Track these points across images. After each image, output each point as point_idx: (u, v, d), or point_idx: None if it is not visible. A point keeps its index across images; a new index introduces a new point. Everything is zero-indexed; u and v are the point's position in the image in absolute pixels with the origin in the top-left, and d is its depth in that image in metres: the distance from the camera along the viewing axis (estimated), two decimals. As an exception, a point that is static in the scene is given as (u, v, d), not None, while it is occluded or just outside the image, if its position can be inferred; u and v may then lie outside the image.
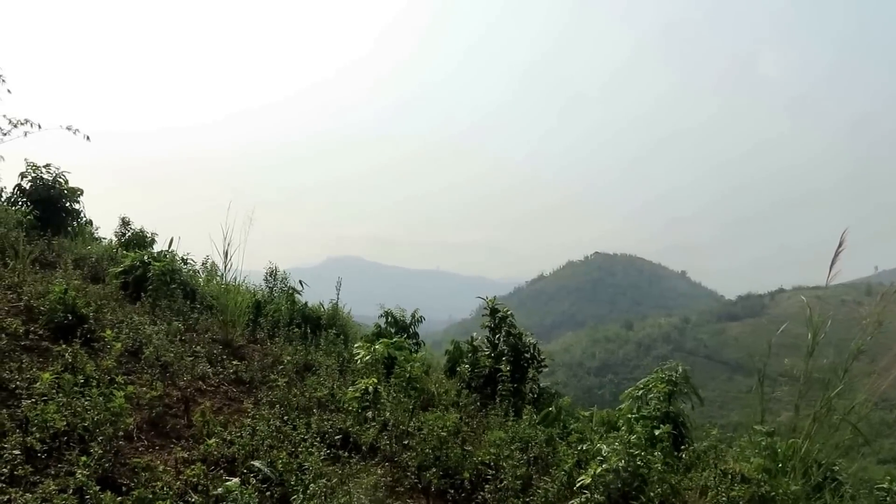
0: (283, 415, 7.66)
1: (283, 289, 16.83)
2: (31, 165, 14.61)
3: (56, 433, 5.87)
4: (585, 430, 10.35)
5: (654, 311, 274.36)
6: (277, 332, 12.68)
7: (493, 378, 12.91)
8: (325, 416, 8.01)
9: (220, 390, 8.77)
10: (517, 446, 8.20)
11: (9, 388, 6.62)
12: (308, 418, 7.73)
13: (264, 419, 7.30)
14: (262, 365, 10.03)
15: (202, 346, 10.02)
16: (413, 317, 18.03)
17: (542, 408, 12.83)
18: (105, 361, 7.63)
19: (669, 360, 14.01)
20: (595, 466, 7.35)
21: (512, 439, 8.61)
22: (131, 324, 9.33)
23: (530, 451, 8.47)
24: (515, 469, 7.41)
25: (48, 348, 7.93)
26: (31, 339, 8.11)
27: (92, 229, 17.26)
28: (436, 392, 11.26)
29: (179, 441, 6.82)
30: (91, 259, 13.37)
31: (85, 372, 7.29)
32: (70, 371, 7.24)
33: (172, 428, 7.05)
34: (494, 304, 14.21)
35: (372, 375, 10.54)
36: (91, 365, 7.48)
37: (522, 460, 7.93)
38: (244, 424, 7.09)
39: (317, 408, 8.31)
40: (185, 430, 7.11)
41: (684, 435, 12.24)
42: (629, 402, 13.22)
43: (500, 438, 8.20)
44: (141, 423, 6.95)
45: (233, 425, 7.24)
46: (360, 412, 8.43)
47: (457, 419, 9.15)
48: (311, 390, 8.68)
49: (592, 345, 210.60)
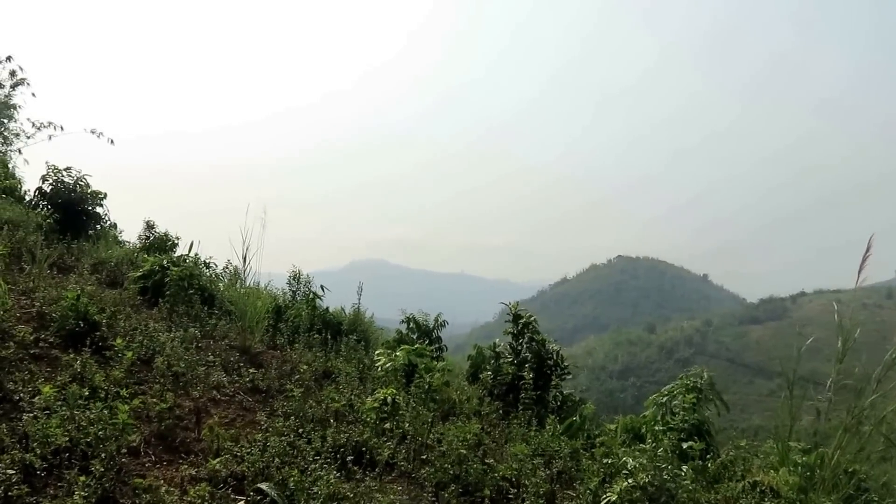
0: (297, 427, 7.27)
1: (305, 291, 16.53)
2: (53, 168, 14.41)
3: (57, 449, 5.52)
4: (610, 442, 9.87)
5: (677, 314, 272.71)
6: (297, 337, 12.35)
7: (515, 385, 12.52)
8: (342, 427, 7.62)
9: (235, 400, 8.40)
10: (540, 461, 7.77)
11: (13, 400, 6.29)
12: (324, 430, 7.35)
13: (277, 432, 6.94)
14: (280, 373, 9.68)
15: (218, 353, 9.69)
16: (436, 321, 17.68)
17: (566, 416, 12.41)
18: (115, 372, 7.29)
19: (694, 366, 13.59)
20: (621, 482, 6.91)
21: (535, 452, 8.20)
22: (145, 331, 9.01)
23: (553, 465, 8.05)
24: (538, 486, 6.98)
25: (57, 357, 7.60)
26: (41, 346, 7.79)
27: (116, 233, 17.06)
28: (457, 400, 10.87)
29: (188, 456, 6.45)
30: (110, 263, 13.11)
31: (93, 382, 6.97)
32: (78, 381, 6.93)
33: (182, 442, 6.68)
34: (517, 309, 13.81)
35: (391, 384, 10.17)
36: (100, 375, 7.15)
37: (545, 475, 7.51)
38: (255, 439, 6.73)
39: (334, 419, 7.91)
40: (195, 443, 6.73)
41: (709, 444, 11.83)
42: (653, 408, 12.84)
43: (523, 452, 7.75)
44: (149, 437, 6.58)
45: (244, 438, 6.87)
46: (377, 423, 8.03)
47: (478, 430, 8.75)
48: (328, 400, 8.28)
49: (615, 348, 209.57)
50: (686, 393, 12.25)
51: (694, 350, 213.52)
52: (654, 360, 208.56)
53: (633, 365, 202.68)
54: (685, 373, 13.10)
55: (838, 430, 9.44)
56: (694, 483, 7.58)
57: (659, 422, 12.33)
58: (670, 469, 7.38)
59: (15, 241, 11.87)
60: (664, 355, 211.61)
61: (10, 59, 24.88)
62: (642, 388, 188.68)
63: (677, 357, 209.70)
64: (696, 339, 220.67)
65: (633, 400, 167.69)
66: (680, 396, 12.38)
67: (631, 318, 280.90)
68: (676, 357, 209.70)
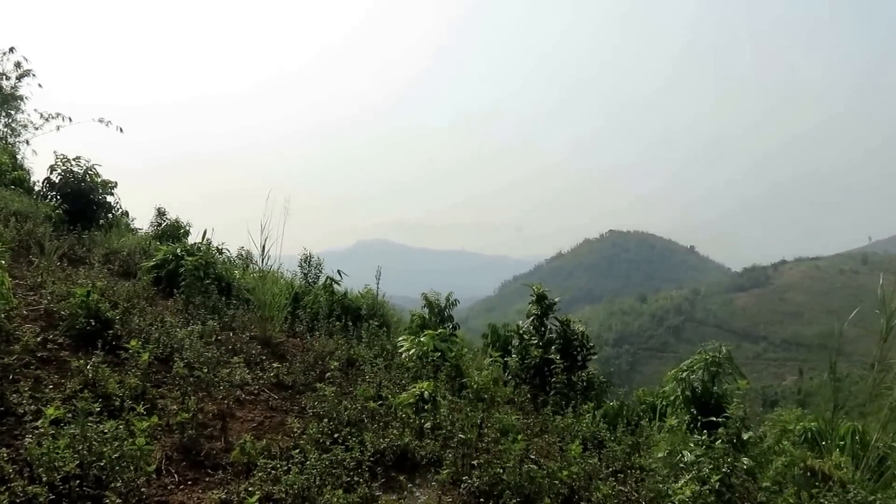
0: (332, 430, 6.32)
1: (317, 275, 15.66)
2: (61, 158, 13.38)
3: (67, 476, 4.53)
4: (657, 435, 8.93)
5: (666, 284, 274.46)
6: (317, 324, 11.44)
7: (541, 368, 11.65)
8: (379, 428, 6.68)
9: (261, 399, 7.42)
10: (595, 461, 6.79)
11: (16, 414, 5.29)
12: (360, 433, 6.40)
13: (311, 439, 5.98)
14: (305, 365, 8.70)
15: (239, 346, 8.73)
16: (447, 300, 17.01)
17: (592, 398, 11.54)
18: (130, 379, 6.29)
19: (712, 340, 12.80)
20: (691, 486, 5.97)
21: (584, 444, 7.27)
22: (162, 327, 8.02)
23: (608, 461, 7.09)
24: (599, 490, 6.02)
25: (67, 360, 6.59)
26: (49, 349, 6.75)
27: (128, 220, 16.12)
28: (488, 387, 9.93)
29: (216, 472, 5.44)
30: (122, 253, 12.11)
31: (106, 389, 6.00)
32: (90, 388, 5.95)
33: (208, 454, 5.66)
34: (542, 290, 12.83)
35: (423, 376, 9.27)
36: (114, 380, 6.18)
37: (604, 473, 6.58)
38: (289, 450, 5.75)
39: (369, 418, 6.94)
40: (222, 455, 5.73)
41: (728, 417, 11.13)
42: (672, 384, 12.15)
43: (578, 454, 6.77)
44: (172, 450, 5.58)
45: (275, 445, 5.90)
46: (416, 421, 7.07)
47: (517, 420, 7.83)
48: (360, 400, 7.30)
49: (609, 317, 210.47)
50: (706, 368, 11.59)
51: (683, 318, 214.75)
52: (647, 328, 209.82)
53: (626, 333, 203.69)
54: (703, 347, 12.37)
55: (883, 409, 8.50)
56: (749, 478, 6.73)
57: (679, 397, 11.69)
58: (730, 461, 6.54)
59: (23, 233, 10.89)
60: (655, 323, 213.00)
61: (14, 50, 23.80)
62: (636, 354, 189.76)
63: (668, 325, 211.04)
64: (684, 308, 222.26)
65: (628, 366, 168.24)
66: (699, 371, 11.73)
67: (623, 289, 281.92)
68: (667, 325, 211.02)
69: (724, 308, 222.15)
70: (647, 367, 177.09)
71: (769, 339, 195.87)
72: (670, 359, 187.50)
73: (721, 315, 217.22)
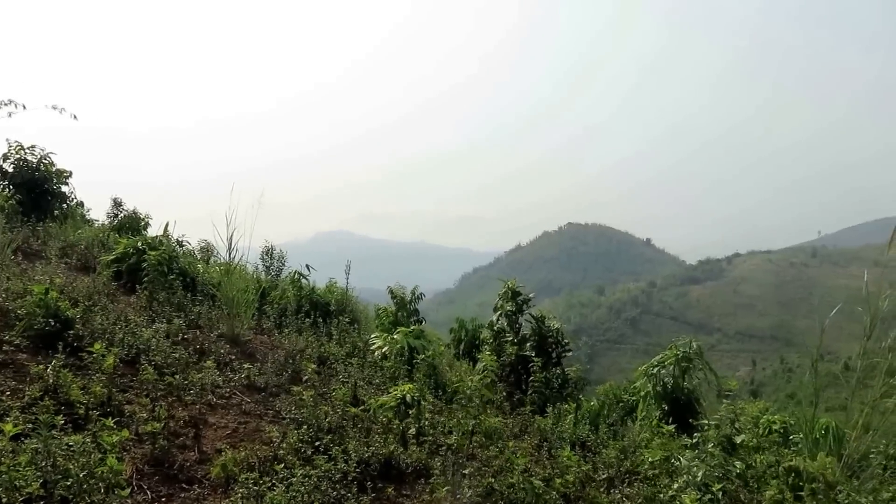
0: (312, 438, 5.96)
1: (280, 268, 15.24)
2: (15, 146, 12.74)
3: (29, 498, 4.09)
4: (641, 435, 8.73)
5: (624, 277, 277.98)
6: (285, 320, 11.05)
7: (516, 367, 11.44)
8: (361, 434, 6.34)
9: (233, 403, 7.01)
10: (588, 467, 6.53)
11: (-30, 427, 4.83)
12: (343, 441, 6.05)
13: (292, 450, 5.63)
14: (276, 365, 8.31)
15: (207, 345, 8.32)
16: (413, 294, 16.82)
17: (569, 396, 11.38)
18: (95, 385, 5.84)
19: (682, 336, 12.78)
20: (691, 495, 5.74)
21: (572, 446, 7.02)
22: (126, 326, 7.55)
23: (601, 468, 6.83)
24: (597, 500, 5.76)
25: (25, 364, 6.10)
26: (6, 351, 6.26)
27: (83, 211, 15.48)
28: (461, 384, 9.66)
29: (191, 487, 5.02)
30: (80, 246, 11.56)
31: (69, 396, 5.56)
32: (51, 395, 5.49)
33: (181, 467, 5.23)
34: (516, 286, 12.60)
35: (399, 376, 8.97)
36: (77, 385, 5.72)
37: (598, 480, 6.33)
38: (268, 458, 5.37)
39: (350, 424, 6.58)
40: (196, 467, 5.32)
41: (698, 411, 11.09)
42: (643, 379, 12.10)
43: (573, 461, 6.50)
44: (142, 463, 5.15)
45: (253, 455, 5.50)
46: (397, 426, 6.74)
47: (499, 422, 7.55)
48: (340, 404, 6.94)
49: (568, 310, 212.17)
50: (677, 363, 11.55)
51: (640, 310, 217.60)
52: (605, 321, 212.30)
53: (584, 325, 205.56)
54: (673, 342, 12.34)
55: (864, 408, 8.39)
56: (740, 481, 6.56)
57: (650, 393, 11.64)
58: (723, 465, 6.39)
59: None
60: (613, 315, 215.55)
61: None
62: (594, 346, 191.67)
63: (625, 316, 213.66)
64: (641, 300, 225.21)
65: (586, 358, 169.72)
66: (671, 366, 11.68)
67: (582, 281, 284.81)
68: (624, 316, 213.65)
69: (679, 300, 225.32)
70: (604, 358, 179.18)
71: (723, 331, 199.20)
72: (627, 350, 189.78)
73: (677, 307, 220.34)
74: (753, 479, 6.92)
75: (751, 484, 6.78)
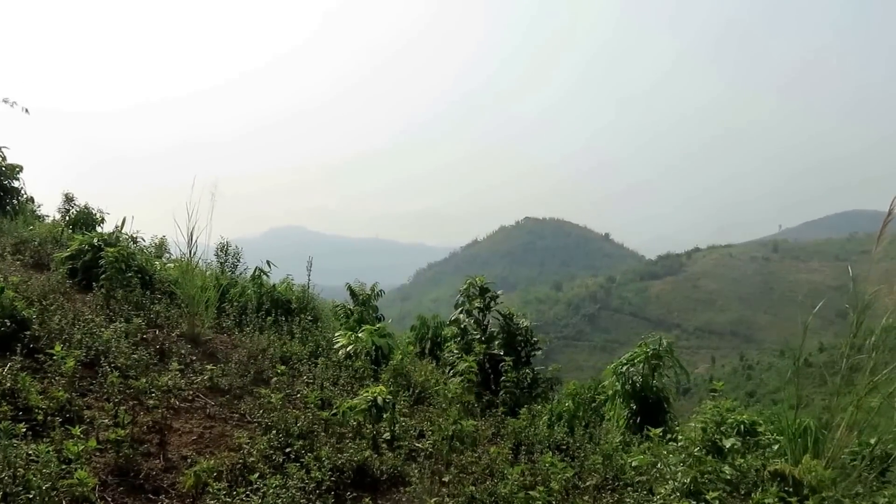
0: (282, 444, 5.85)
1: (235, 264, 14.98)
2: (-36, 141, 12.37)
3: (-12, 512, 3.94)
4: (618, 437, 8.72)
5: (582, 272, 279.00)
6: (245, 319, 10.86)
7: (484, 365, 11.38)
8: (332, 440, 6.23)
9: (197, 406, 6.84)
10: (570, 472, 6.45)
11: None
12: (314, 447, 5.94)
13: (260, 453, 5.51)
14: (240, 366, 8.15)
15: (168, 345, 8.13)
16: (373, 290, 16.69)
17: (539, 396, 11.37)
18: (55, 389, 5.65)
19: (651, 333, 12.83)
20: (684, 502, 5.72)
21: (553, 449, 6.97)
22: (84, 327, 7.34)
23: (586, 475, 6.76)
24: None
25: (-21, 368, 5.89)
26: (-42, 354, 6.06)
27: (34, 207, 15.08)
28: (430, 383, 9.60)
29: (158, 496, 4.87)
30: (33, 243, 11.24)
31: (28, 401, 5.37)
32: (8, 400, 5.29)
33: (147, 476, 5.05)
34: (484, 283, 12.53)
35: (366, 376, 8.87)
36: (36, 389, 5.53)
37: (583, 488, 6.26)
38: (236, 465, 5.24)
39: (321, 429, 6.45)
40: (162, 475, 5.15)
41: (667, 410, 11.14)
42: (612, 377, 12.11)
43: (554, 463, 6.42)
44: (106, 473, 4.98)
45: (223, 462, 5.36)
46: (370, 430, 6.64)
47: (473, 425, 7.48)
48: (312, 409, 6.82)
49: (524, 306, 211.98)
50: (646, 361, 11.56)
51: (599, 306, 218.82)
52: (562, 317, 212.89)
53: (541, 322, 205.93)
54: (643, 339, 12.37)
55: (847, 407, 8.41)
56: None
57: (619, 391, 11.64)
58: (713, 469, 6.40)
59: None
60: (571, 311, 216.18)
61: None
62: (551, 343, 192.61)
63: (584, 313, 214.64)
64: (600, 296, 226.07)
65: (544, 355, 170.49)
66: (640, 364, 11.70)
67: (539, 276, 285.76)
68: (583, 313, 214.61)
69: (638, 296, 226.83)
70: (562, 355, 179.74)
71: (682, 327, 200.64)
72: (585, 347, 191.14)
73: (636, 303, 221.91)
74: (743, 485, 6.90)
75: (741, 490, 6.76)
